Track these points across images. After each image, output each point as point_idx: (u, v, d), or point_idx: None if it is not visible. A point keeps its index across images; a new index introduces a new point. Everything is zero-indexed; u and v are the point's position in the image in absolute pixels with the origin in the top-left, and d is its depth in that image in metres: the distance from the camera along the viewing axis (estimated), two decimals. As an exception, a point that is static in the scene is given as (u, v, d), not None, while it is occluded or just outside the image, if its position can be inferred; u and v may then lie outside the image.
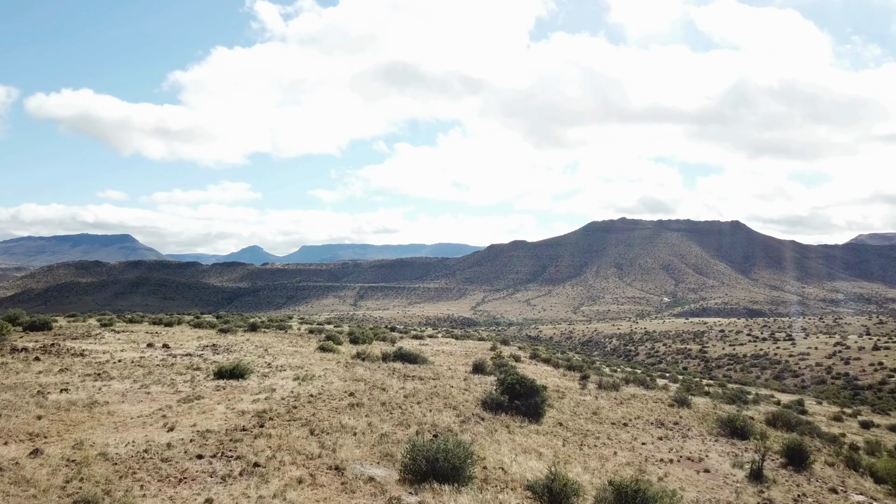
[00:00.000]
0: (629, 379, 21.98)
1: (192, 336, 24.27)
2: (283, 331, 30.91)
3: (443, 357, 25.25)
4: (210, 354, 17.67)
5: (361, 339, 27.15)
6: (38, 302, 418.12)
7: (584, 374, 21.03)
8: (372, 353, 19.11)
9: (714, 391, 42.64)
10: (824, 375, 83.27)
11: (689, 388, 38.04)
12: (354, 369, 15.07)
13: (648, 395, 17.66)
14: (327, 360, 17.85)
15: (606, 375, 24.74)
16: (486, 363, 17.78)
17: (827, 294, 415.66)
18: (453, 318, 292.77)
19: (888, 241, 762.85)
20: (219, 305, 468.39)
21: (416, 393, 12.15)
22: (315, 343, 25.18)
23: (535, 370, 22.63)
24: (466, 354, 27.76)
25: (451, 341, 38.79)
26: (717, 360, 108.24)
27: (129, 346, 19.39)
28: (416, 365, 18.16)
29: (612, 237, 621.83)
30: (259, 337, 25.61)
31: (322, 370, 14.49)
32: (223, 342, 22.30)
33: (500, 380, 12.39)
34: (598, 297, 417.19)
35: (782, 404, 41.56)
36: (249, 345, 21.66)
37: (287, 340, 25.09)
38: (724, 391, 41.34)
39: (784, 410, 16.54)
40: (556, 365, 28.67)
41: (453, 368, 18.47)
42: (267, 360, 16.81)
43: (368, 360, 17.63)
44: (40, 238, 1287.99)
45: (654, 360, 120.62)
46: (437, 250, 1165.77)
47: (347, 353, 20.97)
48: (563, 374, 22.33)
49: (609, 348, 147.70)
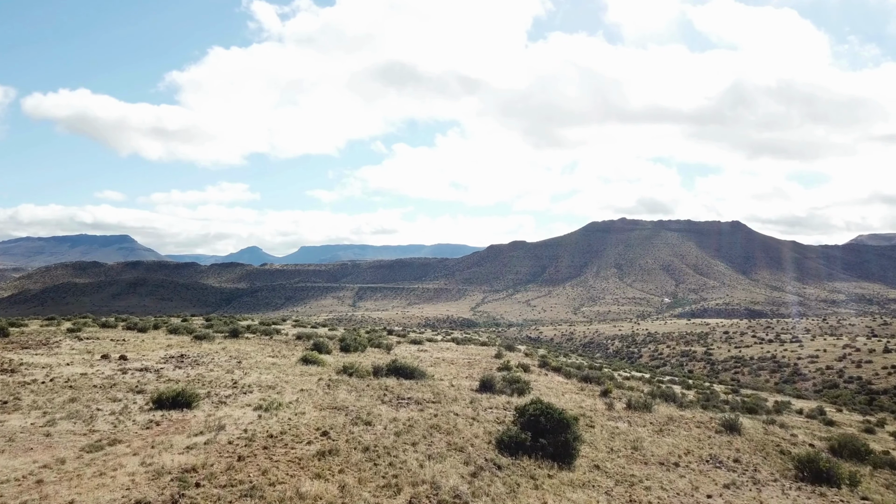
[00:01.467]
0: (654, 393, 19.29)
1: (162, 344, 21.53)
2: (268, 336, 28.17)
3: (444, 367, 22.52)
4: (170, 369, 14.98)
5: (353, 346, 24.41)
6: (35, 303, 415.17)
7: (605, 389, 18.31)
8: (362, 366, 16.39)
9: (732, 399, 40.08)
10: (836, 379, 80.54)
11: (708, 397, 35.39)
12: (337, 391, 12.34)
13: (687, 417, 14.95)
14: (308, 375, 15.15)
15: (629, 388, 22.03)
16: (495, 379, 15.05)
17: (828, 295, 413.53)
18: (453, 319, 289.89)
19: (888, 241, 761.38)
20: (217, 306, 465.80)
21: (411, 427, 9.43)
22: (300, 352, 22.45)
23: (548, 383, 19.94)
24: (470, 363, 25.04)
25: (451, 346, 36.09)
26: (723, 363, 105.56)
27: (81, 359, 16.70)
28: (414, 381, 15.46)
29: (612, 237, 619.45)
30: (238, 345, 22.87)
31: (296, 393, 11.78)
32: (194, 352, 19.58)
33: (520, 409, 9.66)
34: (599, 297, 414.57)
35: (805, 413, 38.96)
36: (223, 355, 18.94)
37: (269, 349, 22.36)
38: (745, 400, 38.73)
39: (849, 438, 13.83)
40: (567, 375, 25.94)
41: (457, 384, 15.77)
42: (235, 376, 14.11)
43: (357, 376, 14.92)
44: (39, 239, 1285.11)
45: (658, 362, 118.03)
46: (437, 251, 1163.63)
47: (334, 365, 18.25)
48: (580, 387, 19.61)
49: (611, 350, 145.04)
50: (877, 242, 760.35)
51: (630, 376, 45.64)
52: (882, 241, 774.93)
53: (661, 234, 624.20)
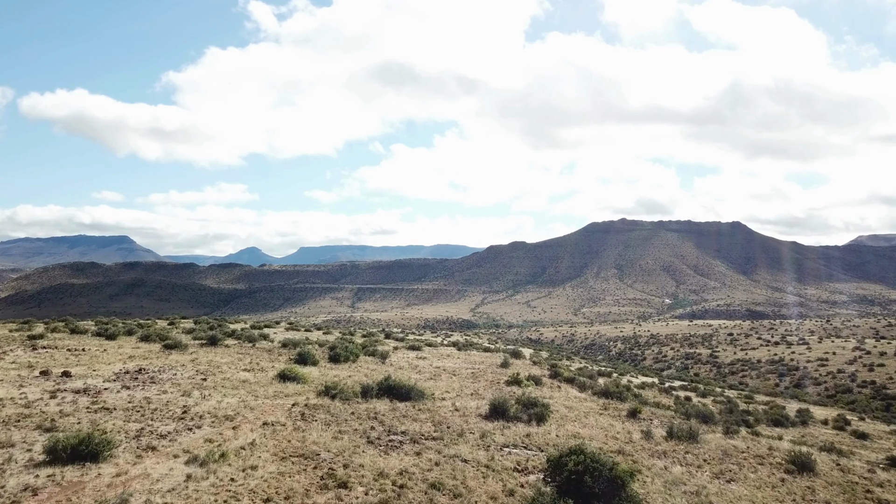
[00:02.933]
0: (690, 413, 16.67)
1: (124, 355, 18.88)
2: (250, 344, 25.49)
3: (445, 380, 19.89)
4: (114, 390, 12.38)
5: (343, 355, 21.72)
6: (32, 304, 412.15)
7: (633, 409, 15.67)
8: (348, 385, 13.77)
9: (753, 409, 37.51)
10: (848, 383, 77.89)
11: (730, 409, 32.78)
12: (311, 425, 9.68)
13: (741, 449, 12.34)
14: (282, 397, 12.54)
15: (654, 404, 19.40)
16: (508, 402, 12.41)
17: (829, 296, 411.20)
18: (452, 320, 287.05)
19: (888, 242, 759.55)
20: (215, 307, 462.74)
21: (402, 488, 6.80)
22: (282, 363, 19.80)
23: (565, 401, 17.33)
24: (474, 375, 22.41)
25: (452, 353, 33.48)
26: (729, 366, 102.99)
27: (16, 375, 14.09)
28: (410, 403, 12.84)
29: (612, 238, 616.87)
30: (212, 355, 20.20)
31: (257, 430, 9.14)
32: (156, 365, 16.94)
33: (554, 462, 7.02)
34: (599, 298, 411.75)
35: (830, 423, 36.37)
36: (188, 369, 16.31)
37: (247, 359, 19.70)
38: (767, 411, 36.15)
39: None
40: (581, 387, 23.32)
41: (461, 407, 13.17)
42: (190, 400, 11.50)
43: (341, 399, 12.30)
44: (37, 239, 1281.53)
45: (662, 364, 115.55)
46: (436, 251, 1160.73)
47: (318, 381, 15.63)
48: (603, 406, 16.98)
49: (614, 352, 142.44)
50: (876, 243, 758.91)
51: (643, 384, 43.06)
52: (881, 242, 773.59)
53: (662, 234, 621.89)
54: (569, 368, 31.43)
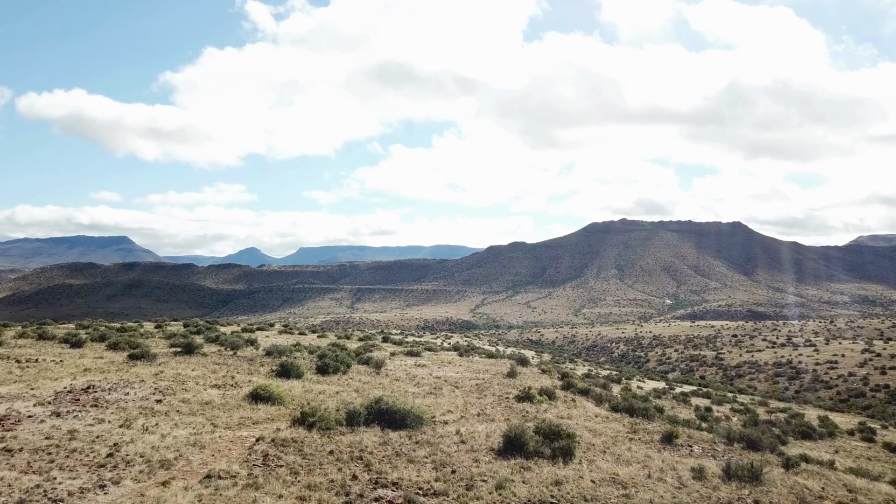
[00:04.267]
0: (733, 436, 14.29)
1: (80, 368, 16.46)
2: (232, 351, 23.07)
3: (447, 394, 17.51)
4: (40, 419, 10.00)
5: (333, 366, 19.29)
6: (29, 304, 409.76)
7: (668, 434, 13.30)
8: (330, 410, 11.39)
9: (775, 418, 35.16)
10: (861, 387, 75.57)
11: (755, 420, 30.35)
12: (268, 481, 7.26)
13: (814, 491, 9.96)
14: (247, 426, 10.17)
15: (684, 423, 16.99)
16: (526, 433, 10.01)
17: (830, 296, 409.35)
18: (452, 321, 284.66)
19: (888, 242, 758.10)
20: (213, 308, 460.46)
21: None
22: (262, 375, 17.40)
23: (587, 421, 14.98)
24: (479, 387, 20.03)
25: (454, 359, 31.07)
26: (735, 368, 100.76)
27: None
28: (406, 431, 10.47)
29: (613, 238, 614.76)
30: (183, 366, 17.78)
31: (195, 486, 6.77)
32: (113, 379, 14.56)
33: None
34: (599, 299, 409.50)
35: (856, 433, 34.04)
36: (148, 385, 13.92)
37: (222, 372, 17.30)
38: (789, 420, 33.75)
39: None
40: (598, 400, 20.93)
41: (468, 435, 10.82)
42: (128, 434, 9.12)
43: (320, 429, 9.93)
44: (36, 240, 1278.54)
45: (666, 367, 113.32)
46: (436, 252, 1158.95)
47: (298, 400, 13.26)
48: (631, 427, 14.61)
49: (616, 354, 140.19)
50: (876, 243, 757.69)
51: (654, 390, 40.75)
52: (881, 242, 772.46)
53: (662, 234, 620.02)
54: (580, 377, 29.00)
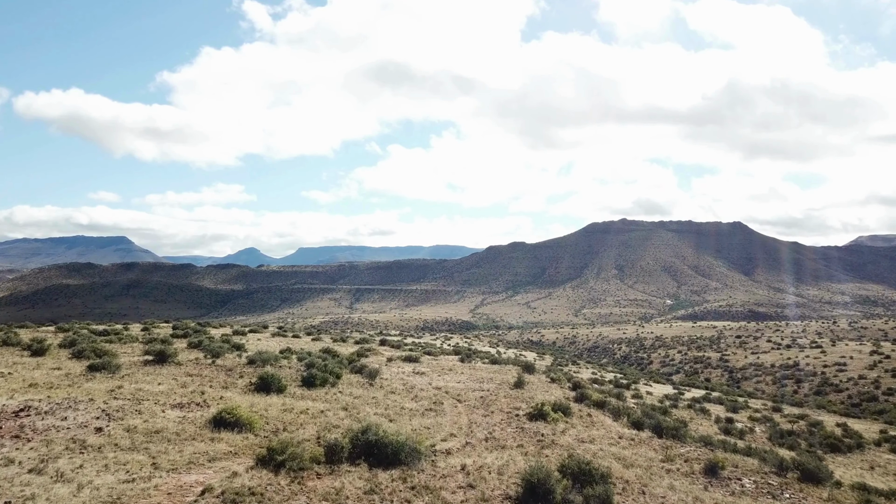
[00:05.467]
0: (787, 465, 12.26)
1: (27, 381, 14.39)
2: (212, 359, 20.99)
3: (448, 411, 15.49)
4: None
5: (321, 377, 17.23)
6: (26, 305, 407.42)
7: (712, 463, 11.26)
8: (306, 446, 9.37)
9: (797, 428, 33.06)
10: (872, 390, 73.46)
11: (781, 433, 28.29)
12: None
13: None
14: (200, 465, 8.18)
15: (727, 448, 14.94)
16: (551, 478, 7.98)
17: (831, 296, 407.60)
18: (452, 322, 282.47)
19: (888, 242, 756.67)
20: (212, 308, 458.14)
21: None
22: (237, 389, 15.34)
23: (609, 442, 12.98)
24: (484, 401, 18.00)
25: (455, 364, 29.04)
26: (741, 371, 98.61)
27: None
28: (399, 473, 8.44)
29: (612, 238, 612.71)
30: (149, 379, 15.71)
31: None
32: (59, 397, 12.52)
33: None
34: (600, 299, 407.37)
35: (883, 444, 32.02)
36: (96, 405, 11.89)
37: (193, 385, 15.25)
38: (812, 431, 31.64)
39: None
40: (616, 414, 18.92)
41: (477, 473, 8.82)
42: (37, 482, 7.13)
43: (291, 469, 7.91)
44: (35, 240, 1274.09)
45: (670, 368, 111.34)
46: (435, 252, 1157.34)
47: (273, 423, 11.25)
48: (665, 453, 12.61)
49: (619, 355, 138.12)
50: (876, 244, 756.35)
51: (665, 397, 38.74)
52: (881, 243, 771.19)
53: (662, 234, 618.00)
54: (589, 383, 26.97)
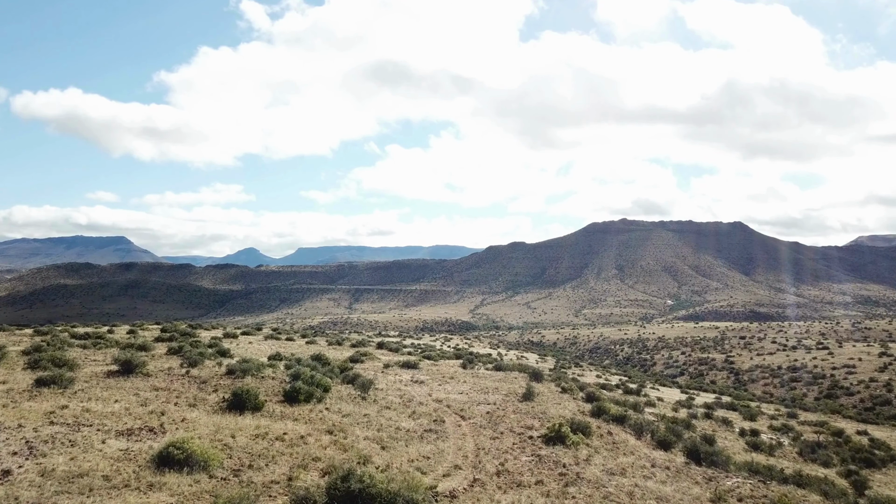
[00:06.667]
0: (832, 493, 10.24)
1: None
2: (186, 369, 18.88)
3: (451, 435, 13.44)
4: None
5: (305, 391, 15.13)
6: (24, 305, 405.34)
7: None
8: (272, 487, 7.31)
9: (824, 439, 30.98)
10: (885, 394, 71.38)
11: (812, 447, 26.20)
12: None
13: None
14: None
15: (778, 479, 12.88)
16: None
17: (832, 297, 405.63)
18: (451, 322, 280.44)
19: (888, 242, 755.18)
20: (211, 308, 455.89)
21: None
22: (205, 408, 13.27)
23: (642, 473, 10.95)
24: (492, 417, 15.93)
25: (456, 371, 26.99)
26: (748, 373, 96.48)
27: None
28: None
29: (612, 238, 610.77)
30: (106, 395, 13.61)
31: None
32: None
33: None
34: (600, 299, 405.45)
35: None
36: (24, 435, 9.80)
37: (155, 403, 13.17)
38: (838, 443, 29.60)
39: None
40: (638, 431, 16.88)
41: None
42: None
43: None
44: (34, 240, 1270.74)
45: (674, 370, 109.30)
46: (434, 252, 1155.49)
47: (235, 458, 9.21)
48: (708, 485, 10.56)
49: (621, 356, 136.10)
50: (876, 244, 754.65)
51: (679, 403, 36.66)
52: (881, 243, 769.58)
53: (662, 234, 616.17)
54: (597, 388, 24.91)
